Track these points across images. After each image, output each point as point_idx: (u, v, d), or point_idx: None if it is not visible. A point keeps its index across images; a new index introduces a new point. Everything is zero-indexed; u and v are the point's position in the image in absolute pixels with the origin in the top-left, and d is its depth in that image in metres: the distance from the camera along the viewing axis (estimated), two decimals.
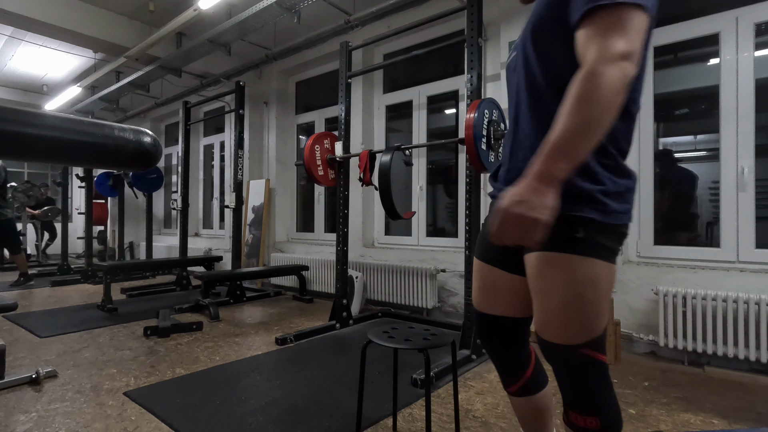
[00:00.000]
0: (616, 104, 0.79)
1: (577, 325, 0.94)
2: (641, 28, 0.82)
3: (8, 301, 2.36)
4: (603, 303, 0.95)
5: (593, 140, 0.80)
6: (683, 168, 3.12)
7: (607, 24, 0.81)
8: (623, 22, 0.80)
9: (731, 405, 2.10)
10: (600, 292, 0.93)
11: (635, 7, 0.81)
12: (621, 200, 0.93)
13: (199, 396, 2.16)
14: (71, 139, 2.65)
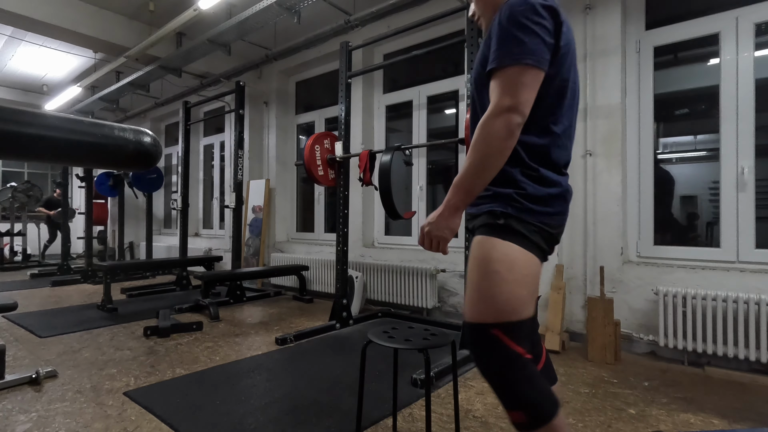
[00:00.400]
0: (503, 148, 1.02)
1: (489, 300, 1.06)
2: (529, 83, 1.03)
3: (8, 301, 2.36)
4: (519, 287, 1.06)
5: (486, 178, 1.04)
6: (662, 168, 3.12)
7: (500, 82, 1.04)
8: (512, 80, 1.02)
9: (731, 405, 2.10)
10: (514, 275, 1.06)
11: (525, 66, 1.02)
12: (541, 203, 1.10)
13: (199, 396, 2.16)
14: (71, 139, 2.64)
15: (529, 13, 1.05)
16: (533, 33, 1.04)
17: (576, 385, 2.34)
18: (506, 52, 1.04)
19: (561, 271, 3.09)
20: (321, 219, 5.45)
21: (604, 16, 3.07)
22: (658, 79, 3.06)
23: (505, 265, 1.06)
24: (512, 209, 1.09)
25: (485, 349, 1.07)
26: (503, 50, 1.05)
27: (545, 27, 1.07)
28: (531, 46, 1.03)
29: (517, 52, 1.03)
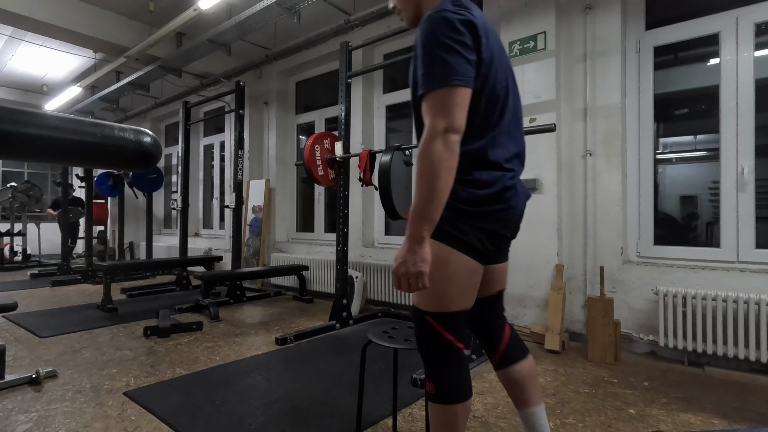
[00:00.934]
0: (449, 167, 1.03)
1: (423, 292, 1.16)
2: (460, 102, 1.05)
3: (8, 301, 2.36)
4: (446, 284, 1.15)
5: (441, 200, 1.04)
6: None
7: (432, 105, 1.05)
8: (443, 102, 1.04)
9: (731, 405, 2.10)
10: (445, 273, 1.15)
11: (453, 87, 1.04)
12: (475, 205, 1.16)
13: (199, 396, 2.16)
14: (71, 139, 2.65)
15: (448, 31, 1.06)
16: (456, 52, 1.06)
17: (576, 385, 2.34)
18: (433, 75, 1.06)
19: (561, 271, 3.09)
20: (321, 219, 5.45)
21: (604, 16, 3.07)
22: (658, 79, 3.06)
23: (435, 265, 1.11)
24: (447, 213, 1.12)
25: (420, 329, 1.21)
26: (430, 74, 1.07)
27: (465, 44, 1.08)
28: (456, 66, 1.06)
29: (444, 74, 1.05)
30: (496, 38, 1.21)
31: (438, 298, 1.16)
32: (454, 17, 1.07)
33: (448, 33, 1.06)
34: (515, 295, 3.30)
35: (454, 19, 1.07)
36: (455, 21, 1.07)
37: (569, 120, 3.20)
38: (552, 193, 3.14)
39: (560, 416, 1.96)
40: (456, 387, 1.19)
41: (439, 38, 1.06)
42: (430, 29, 1.08)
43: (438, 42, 1.06)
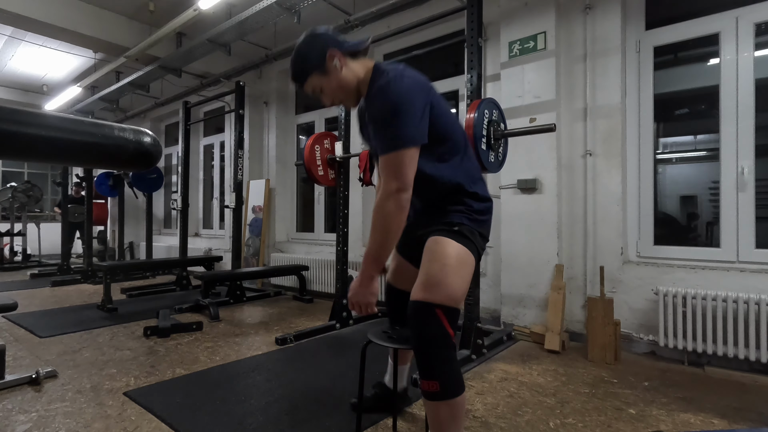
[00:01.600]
0: (399, 221, 1.26)
1: (441, 285, 1.28)
2: (409, 162, 1.24)
3: (8, 301, 2.36)
4: (463, 282, 1.33)
5: (390, 247, 1.31)
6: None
7: (385, 167, 1.26)
8: (395, 164, 1.23)
9: (731, 405, 2.10)
10: (464, 269, 1.34)
11: (404, 149, 1.23)
12: (481, 214, 1.45)
13: (199, 396, 2.16)
14: (71, 139, 2.64)
15: (403, 96, 1.23)
16: (409, 116, 1.23)
17: (576, 385, 2.34)
18: (389, 139, 1.24)
19: (561, 271, 3.09)
20: (321, 219, 5.45)
21: (604, 16, 3.07)
22: (658, 79, 3.06)
23: (457, 261, 1.32)
24: (467, 220, 1.39)
25: (426, 323, 1.27)
26: (387, 137, 1.25)
27: (419, 104, 1.26)
28: (408, 129, 1.23)
29: (397, 138, 1.23)
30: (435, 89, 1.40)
31: (455, 293, 1.29)
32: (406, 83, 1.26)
33: (403, 99, 1.24)
34: (515, 294, 3.30)
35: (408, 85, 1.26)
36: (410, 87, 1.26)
37: (569, 120, 3.20)
38: (552, 193, 3.14)
39: (560, 416, 1.96)
40: (459, 380, 1.29)
41: (396, 106, 1.23)
42: (386, 98, 1.25)
43: (393, 109, 1.23)
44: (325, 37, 1.37)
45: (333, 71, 1.36)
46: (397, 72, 1.29)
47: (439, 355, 1.26)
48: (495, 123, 2.58)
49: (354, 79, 1.39)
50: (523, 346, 3.01)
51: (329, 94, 1.41)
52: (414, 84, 1.27)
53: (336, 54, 1.35)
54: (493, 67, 3.61)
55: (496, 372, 2.52)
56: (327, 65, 1.36)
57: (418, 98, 1.26)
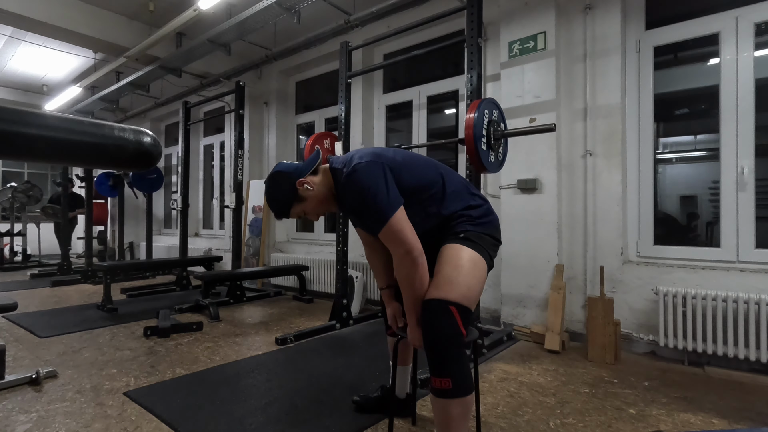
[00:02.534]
0: (422, 273, 1.39)
1: (455, 284, 1.36)
2: (402, 223, 1.37)
3: (8, 301, 2.36)
4: (477, 283, 1.41)
5: (421, 293, 1.40)
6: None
7: (386, 238, 1.39)
8: (393, 231, 1.37)
9: (731, 405, 2.10)
10: (477, 271, 1.42)
11: (391, 218, 1.36)
12: (484, 217, 1.53)
13: (199, 396, 2.16)
14: (71, 139, 2.64)
15: (364, 181, 1.38)
16: (379, 193, 1.37)
17: (576, 385, 2.34)
18: (376, 217, 1.38)
19: (561, 271, 3.09)
20: (321, 219, 5.45)
21: (604, 16, 3.07)
22: (658, 79, 3.06)
23: (470, 263, 1.41)
24: (471, 227, 1.49)
25: (440, 319, 1.31)
26: (373, 217, 1.39)
27: (383, 176, 1.40)
28: (384, 201, 1.37)
29: (381, 213, 1.36)
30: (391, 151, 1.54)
31: (469, 292, 1.36)
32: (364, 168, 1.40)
33: (368, 183, 1.38)
34: (515, 295, 3.30)
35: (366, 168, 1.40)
36: (369, 170, 1.40)
37: (569, 120, 3.20)
38: (552, 193, 3.14)
39: (560, 416, 1.96)
40: (470, 377, 1.33)
41: (364, 191, 1.38)
42: (354, 187, 1.40)
43: (363, 193, 1.38)
44: (287, 172, 1.52)
45: (308, 195, 1.51)
46: (348, 161, 1.46)
47: (451, 352, 1.29)
48: (495, 123, 2.58)
49: (327, 191, 1.53)
50: (523, 346, 3.02)
51: (313, 212, 1.56)
52: (367, 164, 1.41)
53: (304, 181, 1.50)
54: (493, 67, 3.61)
55: (496, 372, 2.52)
56: (300, 194, 1.51)
57: (376, 173, 1.40)
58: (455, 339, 1.30)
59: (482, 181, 3.43)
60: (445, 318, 1.31)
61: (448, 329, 1.30)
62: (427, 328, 1.34)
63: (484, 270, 1.45)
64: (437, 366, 1.30)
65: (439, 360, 1.29)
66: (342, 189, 1.47)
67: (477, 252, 1.44)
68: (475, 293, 1.40)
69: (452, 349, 1.29)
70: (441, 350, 1.29)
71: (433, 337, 1.31)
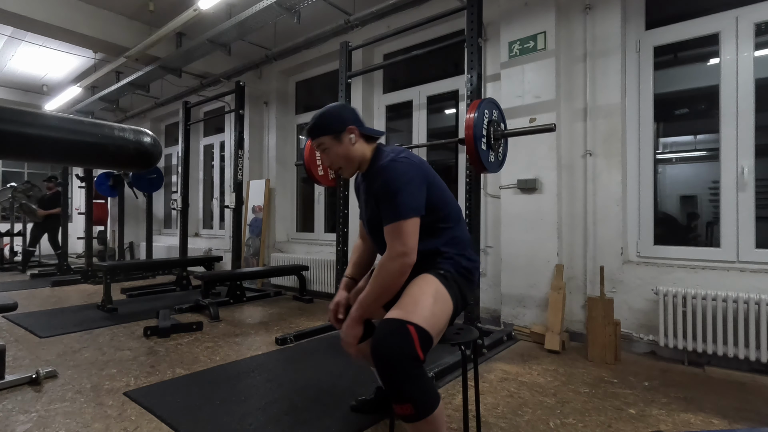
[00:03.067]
0: (398, 282, 1.39)
1: (419, 308, 1.32)
2: (411, 230, 1.38)
3: (8, 301, 2.36)
4: (444, 314, 1.39)
5: (383, 301, 1.43)
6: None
7: (391, 233, 1.39)
8: (401, 231, 1.38)
9: (731, 405, 2.10)
10: (444, 305, 1.40)
11: (407, 219, 1.38)
12: (468, 272, 1.53)
13: (199, 396, 2.16)
14: (71, 139, 2.64)
15: (403, 175, 1.40)
16: (409, 191, 1.39)
17: (576, 385, 2.34)
18: (393, 210, 1.38)
19: (561, 271, 3.09)
20: (321, 219, 5.45)
21: (604, 16, 3.07)
22: (658, 79, 3.06)
23: (436, 295, 1.39)
24: (453, 270, 1.48)
25: (396, 336, 1.25)
26: (391, 209, 1.39)
27: (418, 182, 1.43)
28: (410, 202, 1.39)
29: (401, 210, 1.38)
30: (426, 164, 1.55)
31: (431, 318, 1.32)
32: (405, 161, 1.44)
33: (403, 177, 1.41)
34: (515, 295, 3.30)
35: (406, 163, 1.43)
36: (408, 165, 1.43)
37: (569, 120, 3.20)
38: (552, 193, 3.14)
39: (560, 416, 1.96)
40: (432, 394, 1.26)
41: (397, 183, 1.39)
42: (389, 176, 1.41)
43: (396, 185, 1.39)
44: (353, 113, 1.57)
45: (346, 142, 1.53)
46: (397, 153, 1.48)
47: (406, 374, 1.21)
48: (495, 123, 2.58)
49: (359, 156, 1.55)
50: (523, 346, 3.02)
51: (332, 158, 1.56)
52: (411, 164, 1.45)
53: (355, 131, 1.53)
54: (493, 67, 3.61)
55: (496, 372, 2.52)
56: (343, 135, 1.53)
57: (416, 176, 1.43)
58: (409, 361, 1.21)
59: (482, 181, 3.43)
60: (402, 336, 1.24)
61: (404, 349, 1.22)
62: (379, 345, 1.24)
63: (449, 308, 1.42)
64: (394, 391, 1.22)
65: (394, 385, 1.21)
66: (378, 170, 1.46)
67: (449, 293, 1.43)
68: (439, 323, 1.35)
69: (407, 371, 1.21)
70: (392, 371, 1.21)
71: (383, 354, 1.22)
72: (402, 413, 1.23)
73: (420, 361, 1.24)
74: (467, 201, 2.84)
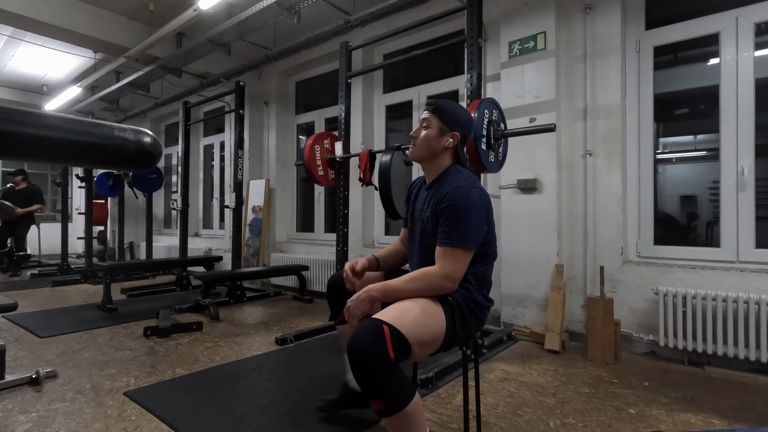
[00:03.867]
0: (427, 294, 1.42)
1: (405, 314, 1.33)
2: (465, 259, 1.43)
3: (8, 301, 2.36)
4: (425, 325, 1.35)
5: (406, 296, 1.41)
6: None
7: (446, 255, 1.42)
8: (456, 257, 1.41)
9: (731, 405, 2.10)
10: (429, 319, 1.37)
11: (465, 249, 1.42)
12: (478, 307, 1.55)
13: (199, 396, 2.16)
14: (71, 139, 2.64)
15: (476, 205, 1.43)
16: (476, 223, 1.43)
17: (576, 385, 2.34)
18: (455, 236, 1.41)
19: (561, 271, 3.09)
20: (321, 219, 5.45)
21: (604, 16, 3.07)
22: (658, 79, 3.06)
23: (429, 312, 1.38)
24: (463, 302, 1.49)
25: (369, 333, 1.26)
26: (453, 234, 1.41)
27: (484, 215, 1.47)
28: (473, 233, 1.42)
29: (462, 238, 1.41)
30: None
31: (412, 326, 1.31)
32: (478, 194, 1.47)
33: (474, 207, 1.43)
34: (515, 295, 3.30)
35: (479, 195, 1.46)
36: (481, 198, 1.47)
37: (569, 120, 3.20)
38: (552, 193, 3.14)
39: (560, 416, 1.96)
40: (404, 390, 1.27)
41: (468, 211, 1.42)
42: (462, 202, 1.43)
43: (466, 213, 1.42)
44: (468, 128, 1.62)
45: (442, 138, 1.58)
46: (474, 181, 1.52)
47: (376, 372, 1.23)
48: (495, 123, 2.58)
49: (438, 156, 1.59)
50: (523, 346, 3.02)
51: (423, 135, 1.60)
52: (484, 196, 1.49)
53: (456, 139, 1.58)
54: (493, 67, 3.61)
55: (496, 372, 2.52)
56: (445, 133, 1.58)
57: (484, 209, 1.48)
58: (379, 359, 1.23)
59: (482, 181, 3.43)
60: (375, 335, 1.25)
61: (376, 347, 1.23)
62: (353, 340, 1.27)
63: (439, 330, 1.38)
64: (366, 387, 1.25)
65: (366, 381, 1.24)
66: (452, 189, 1.45)
67: (444, 314, 1.41)
68: (421, 334, 1.32)
69: (375, 368, 1.23)
70: (363, 366, 1.23)
71: (355, 350, 1.25)
72: (375, 408, 1.27)
73: (390, 361, 1.24)
74: None
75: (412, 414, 1.28)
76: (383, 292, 1.42)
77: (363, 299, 1.42)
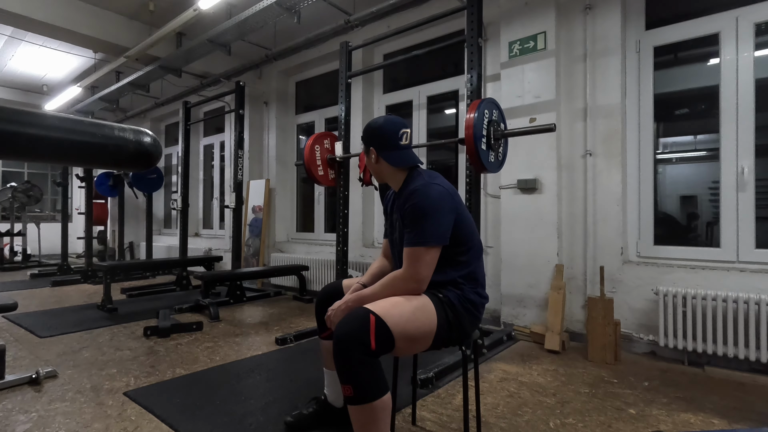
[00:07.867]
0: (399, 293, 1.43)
1: (394, 308, 1.35)
2: (428, 257, 1.42)
3: (8, 301, 2.36)
4: (414, 320, 1.36)
5: (382, 297, 1.43)
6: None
7: (410, 256, 1.43)
8: (419, 257, 1.42)
9: (731, 405, 2.10)
10: (420, 315, 1.39)
11: (429, 247, 1.41)
12: (472, 305, 1.51)
13: (199, 396, 2.16)
14: (71, 139, 2.64)
15: (435, 201, 1.43)
16: (434, 219, 1.42)
17: (576, 385, 2.34)
18: (414, 235, 1.43)
19: (561, 271, 3.09)
20: (321, 219, 5.45)
21: (604, 16, 3.07)
22: (658, 79, 3.06)
23: (421, 308, 1.40)
24: (456, 301, 1.48)
25: (355, 319, 1.30)
26: (412, 234, 1.43)
27: (448, 212, 1.45)
28: (432, 230, 1.42)
29: (425, 235, 1.41)
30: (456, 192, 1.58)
31: (400, 319, 1.33)
32: (439, 190, 1.46)
33: (435, 204, 1.43)
34: (515, 295, 3.30)
35: (440, 192, 1.46)
36: (443, 194, 1.46)
37: (569, 120, 3.20)
38: (552, 193, 3.14)
39: (560, 416, 1.96)
40: (375, 384, 1.28)
41: (427, 210, 1.42)
42: (421, 202, 1.44)
43: (425, 211, 1.42)
44: (383, 136, 1.61)
45: (371, 159, 1.66)
46: (432, 178, 1.52)
47: (353, 357, 1.26)
48: (495, 123, 2.58)
49: (385, 174, 1.64)
50: (523, 346, 3.02)
51: (368, 167, 1.69)
52: (444, 191, 1.47)
53: (374, 152, 1.63)
54: (493, 67, 3.61)
55: (496, 372, 2.52)
56: (370, 154, 1.66)
57: (446, 204, 1.45)
58: (358, 346, 1.26)
59: (482, 181, 3.43)
60: (361, 322, 1.28)
61: (358, 333, 1.27)
62: (339, 325, 1.32)
63: (430, 326, 1.40)
64: (341, 371, 1.27)
65: (341, 364, 1.27)
66: (410, 192, 1.49)
67: (436, 312, 1.42)
68: (408, 328, 1.34)
69: (354, 355, 1.26)
70: (342, 349, 1.27)
71: (339, 333, 1.29)
72: (344, 393, 1.29)
73: (369, 349, 1.26)
74: (467, 201, 2.84)
75: (378, 411, 1.29)
76: (358, 302, 1.46)
77: (342, 309, 1.50)
